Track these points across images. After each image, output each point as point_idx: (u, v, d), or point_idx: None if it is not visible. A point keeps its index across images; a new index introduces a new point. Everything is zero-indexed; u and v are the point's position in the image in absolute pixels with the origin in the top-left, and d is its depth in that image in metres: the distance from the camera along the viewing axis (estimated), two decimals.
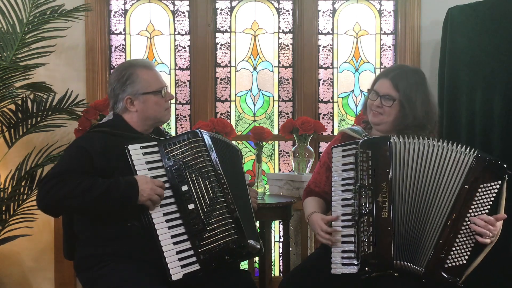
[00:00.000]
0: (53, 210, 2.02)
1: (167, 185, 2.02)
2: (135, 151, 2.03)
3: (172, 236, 1.95)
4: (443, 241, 1.96)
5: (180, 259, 1.93)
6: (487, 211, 1.99)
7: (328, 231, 2.09)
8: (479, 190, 1.99)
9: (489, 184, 2.00)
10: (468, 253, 1.97)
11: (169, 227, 1.96)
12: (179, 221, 1.98)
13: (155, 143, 2.07)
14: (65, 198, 1.93)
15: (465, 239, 1.97)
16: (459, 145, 2.06)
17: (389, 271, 1.98)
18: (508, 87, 3.00)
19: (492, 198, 2.00)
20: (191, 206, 1.98)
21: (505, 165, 2.02)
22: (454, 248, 1.96)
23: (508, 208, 2.94)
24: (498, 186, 2.00)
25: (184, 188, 2.00)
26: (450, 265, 1.96)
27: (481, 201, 1.99)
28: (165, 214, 1.98)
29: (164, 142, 2.07)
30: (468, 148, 2.06)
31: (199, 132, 2.11)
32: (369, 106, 2.25)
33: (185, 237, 1.96)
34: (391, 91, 2.18)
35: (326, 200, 2.31)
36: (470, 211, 1.98)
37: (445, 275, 1.95)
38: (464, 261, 1.96)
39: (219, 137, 2.25)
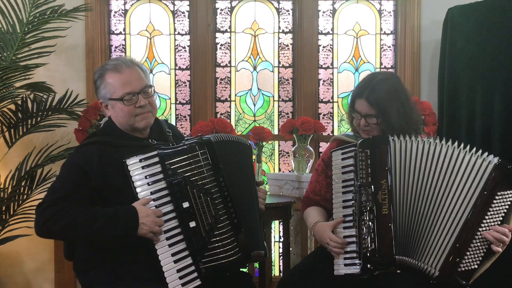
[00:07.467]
0: (53, 238, 2.05)
1: (167, 199, 1.96)
2: (134, 165, 1.94)
3: (173, 254, 1.91)
4: (460, 245, 1.97)
5: (181, 277, 1.90)
6: (501, 219, 2.00)
7: (339, 242, 2.08)
8: (496, 197, 1.99)
9: (505, 193, 2.00)
10: (480, 258, 1.98)
11: (170, 245, 1.92)
12: (180, 237, 1.94)
13: (155, 153, 1.97)
14: (62, 231, 1.93)
15: (479, 244, 1.98)
16: (470, 147, 2.08)
17: (392, 268, 1.99)
18: (508, 87, 3.00)
19: (507, 207, 2.00)
20: (192, 224, 1.93)
21: None
22: (468, 253, 1.98)
23: None
24: None
25: (185, 205, 1.94)
26: (463, 269, 1.97)
27: (497, 209, 2.00)
28: (165, 232, 1.93)
29: (165, 153, 1.97)
30: (486, 153, 2.06)
31: (202, 143, 2.00)
32: (356, 125, 2.28)
33: (186, 253, 1.93)
34: (370, 110, 2.19)
35: (327, 208, 2.32)
36: (487, 217, 1.99)
37: (458, 279, 1.96)
38: (476, 266, 1.98)
39: (227, 137, 2.11)
